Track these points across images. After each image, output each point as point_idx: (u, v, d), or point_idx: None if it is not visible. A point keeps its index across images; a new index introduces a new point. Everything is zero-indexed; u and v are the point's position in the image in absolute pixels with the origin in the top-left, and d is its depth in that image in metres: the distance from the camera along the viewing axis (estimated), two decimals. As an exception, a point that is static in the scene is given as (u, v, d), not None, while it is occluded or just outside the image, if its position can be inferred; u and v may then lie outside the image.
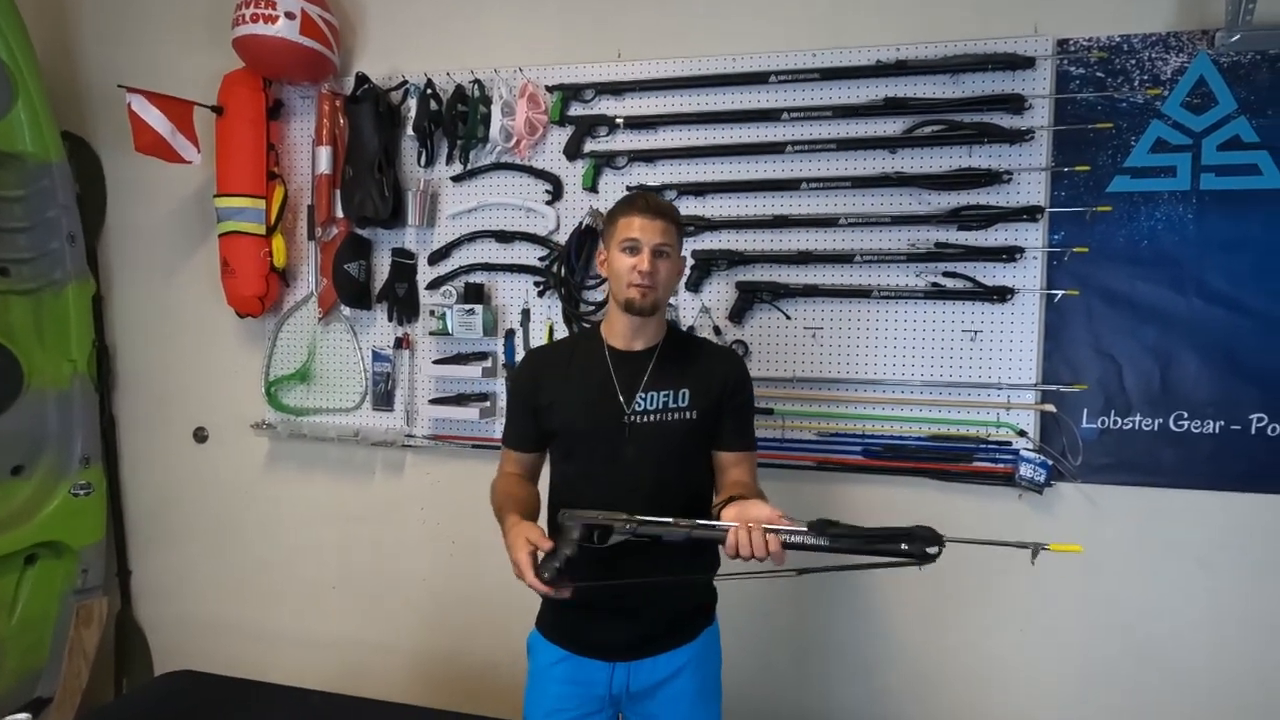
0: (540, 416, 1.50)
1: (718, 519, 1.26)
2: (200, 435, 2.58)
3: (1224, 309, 1.82)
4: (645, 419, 1.44)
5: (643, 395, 1.44)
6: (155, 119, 2.20)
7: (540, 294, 2.20)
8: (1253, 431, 1.82)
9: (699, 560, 1.46)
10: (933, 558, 1.15)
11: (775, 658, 2.14)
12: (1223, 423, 1.83)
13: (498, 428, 2.19)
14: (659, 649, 1.47)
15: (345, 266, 2.26)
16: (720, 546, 1.25)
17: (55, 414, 2.40)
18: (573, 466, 1.49)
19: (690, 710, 1.50)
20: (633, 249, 1.41)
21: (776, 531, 1.20)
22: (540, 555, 1.27)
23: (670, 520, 1.26)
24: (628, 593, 1.37)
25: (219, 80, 2.29)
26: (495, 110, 2.15)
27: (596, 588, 1.30)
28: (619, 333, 1.49)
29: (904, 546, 1.15)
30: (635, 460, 1.43)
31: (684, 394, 1.45)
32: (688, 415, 1.44)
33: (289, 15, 2.10)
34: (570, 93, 2.15)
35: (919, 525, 1.17)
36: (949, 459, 1.94)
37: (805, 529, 1.19)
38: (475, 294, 2.21)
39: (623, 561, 1.31)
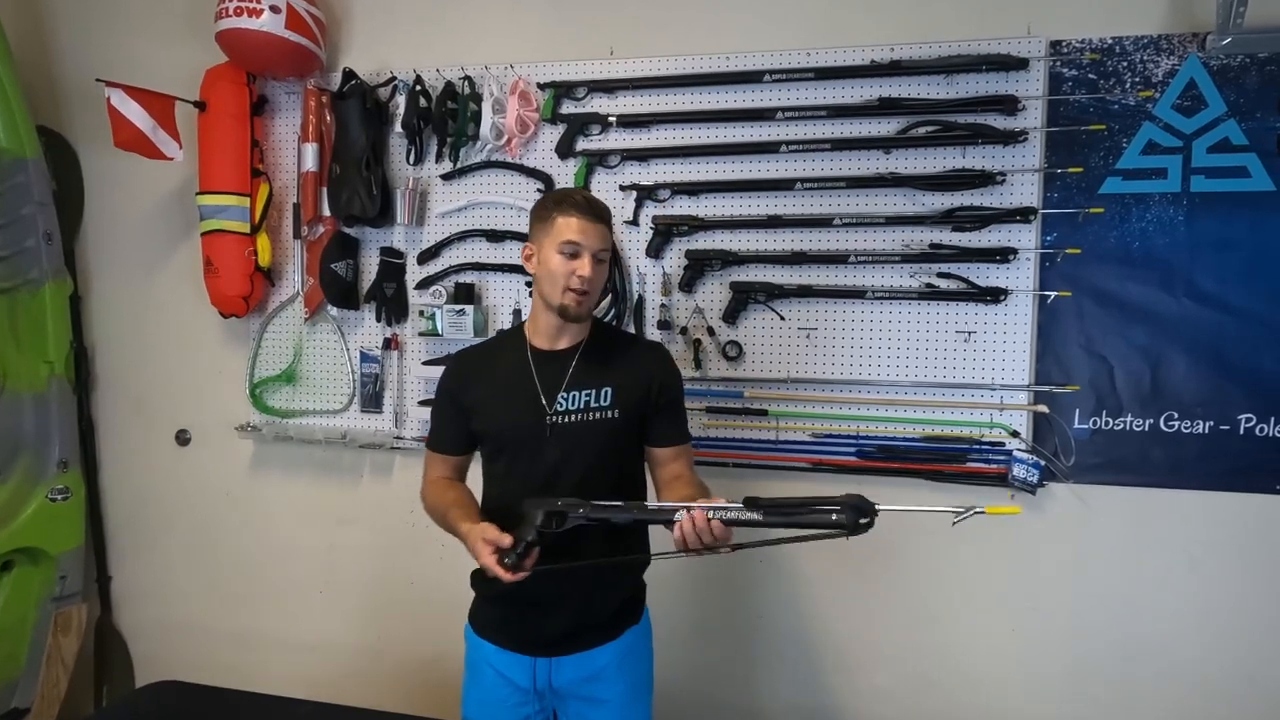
0: (468, 418, 1.49)
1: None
2: (182, 438, 2.53)
3: (1214, 310, 1.84)
4: (567, 419, 1.43)
5: (564, 395, 1.43)
6: (135, 114, 2.14)
7: (531, 294, 2.17)
8: (1241, 431, 1.84)
9: (629, 551, 1.48)
10: (864, 528, 1.15)
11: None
12: (1212, 423, 1.85)
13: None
14: (579, 646, 1.47)
15: (332, 266, 2.22)
16: (669, 534, 1.25)
17: (32, 417, 2.33)
18: (499, 467, 1.49)
19: (619, 711, 1.49)
20: (574, 253, 1.38)
21: (713, 511, 1.20)
22: (502, 550, 1.28)
23: (620, 504, 1.28)
24: (581, 572, 1.38)
25: (201, 75, 2.23)
26: (486, 107, 2.11)
27: (554, 569, 1.30)
28: (542, 332, 1.48)
29: (834, 517, 1.15)
30: (558, 461, 1.42)
31: (606, 393, 1.43)
32: (610, 414, 1.43)
33: (274, 9, 2.06)
34: (562, 90, 2.13)
35: (851, 494, 1.17)
36: (942, 460, 1.95)
37: (740, 506, 1.20)
38: (465, 294, 2.18)
39: (557, 554, 1.31)
